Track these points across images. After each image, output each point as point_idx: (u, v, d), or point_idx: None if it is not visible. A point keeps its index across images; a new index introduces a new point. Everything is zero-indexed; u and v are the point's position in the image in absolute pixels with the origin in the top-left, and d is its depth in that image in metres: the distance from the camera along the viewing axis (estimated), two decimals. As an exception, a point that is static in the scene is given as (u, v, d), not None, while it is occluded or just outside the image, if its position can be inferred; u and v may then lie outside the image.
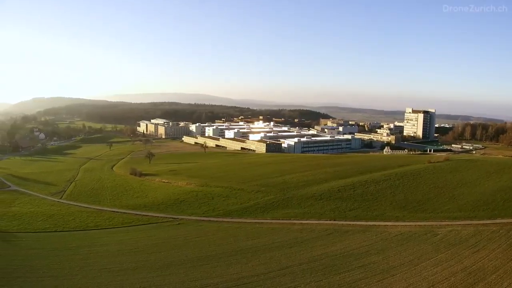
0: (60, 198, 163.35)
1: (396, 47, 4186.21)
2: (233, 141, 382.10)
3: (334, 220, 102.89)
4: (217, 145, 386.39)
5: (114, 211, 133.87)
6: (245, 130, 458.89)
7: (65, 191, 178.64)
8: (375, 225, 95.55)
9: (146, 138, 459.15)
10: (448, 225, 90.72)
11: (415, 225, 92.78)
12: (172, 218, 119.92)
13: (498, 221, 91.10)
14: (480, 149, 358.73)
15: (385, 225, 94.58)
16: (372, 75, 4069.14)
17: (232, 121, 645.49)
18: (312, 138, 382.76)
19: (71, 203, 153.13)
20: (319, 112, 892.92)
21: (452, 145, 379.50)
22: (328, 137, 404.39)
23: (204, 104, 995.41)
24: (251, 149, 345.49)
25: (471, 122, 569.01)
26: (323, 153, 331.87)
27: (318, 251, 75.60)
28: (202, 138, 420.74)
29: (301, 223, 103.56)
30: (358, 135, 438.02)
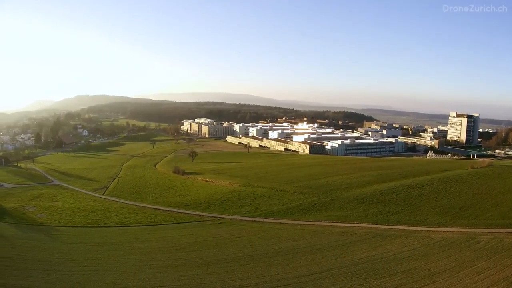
0: (103, 194, 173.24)
1: (444, 52, 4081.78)
2: (277, 142, 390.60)
3: (376, 224, 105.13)
4: (260, 146, 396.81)
5: (156, 209, 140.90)
6: (289, 131, 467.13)
7: (108, 187, 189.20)
8: (417, 230, 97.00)
9: (190, 137, 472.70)
10: (490, 232, 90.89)
11: (457, 232, 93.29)
12: (214, 217, 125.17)
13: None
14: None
15: (427, 231, 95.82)
16: (416, 79, 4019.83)
17: (276, 122, 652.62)
18: (356, 141, 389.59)
19: (113, 199, 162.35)
20: (363, 115, 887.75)
21: (496, 151, 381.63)
22: (371, 140, 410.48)
23: (249, 104, 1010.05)
24: (295, 150, 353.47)
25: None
26: (366, 155, 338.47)
27: (359, 255, 77.73)
28: (246, 138, 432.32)
29: (343, 226, 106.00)
30: (401, 139, 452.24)
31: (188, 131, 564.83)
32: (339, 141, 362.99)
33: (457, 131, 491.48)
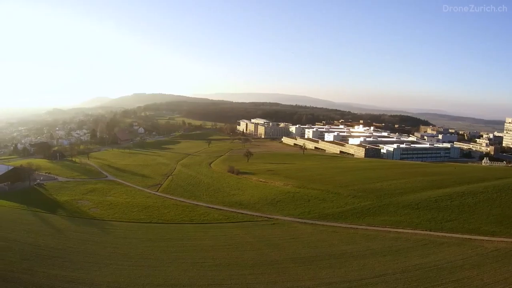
0: (157, 191, 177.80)
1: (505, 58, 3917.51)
2: (332, 144, 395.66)
3: (430, 231, 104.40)
4: (316, 148, 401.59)
5: (209, 207, 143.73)
6: (345, 134, 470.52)
7: (162, 184, 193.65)
8: (471, 238, 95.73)
9: (246, 137, 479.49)
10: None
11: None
12: (267, 217, 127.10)
13: None
14: None
15: (481, 240, 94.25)
16: (474, 84, 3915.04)
17: (332, 124, 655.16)
18: (411, 145, 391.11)
19: (167, 196, 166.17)
20: (419, 119, 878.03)
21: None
22: (427, 145, 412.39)
23: (305, 106, 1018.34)
24: (350, 153, 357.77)
25: None
26: (422, 160, 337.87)
27: (412, 261, 77.76)
28: (302, 139, 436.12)
29: (397, 231, 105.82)
30: (457, 144, 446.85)
31: (244, 131, 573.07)
32: (395, 145, 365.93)
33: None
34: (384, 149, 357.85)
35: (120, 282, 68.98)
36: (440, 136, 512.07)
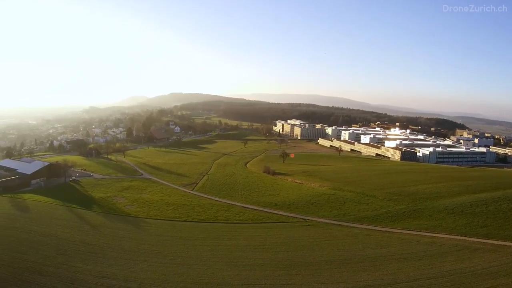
0: (192, 190, 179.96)
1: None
2: (368, 147, 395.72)
3: (465, 236, 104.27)
4: (352, 150, 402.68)
5: (244, 207, 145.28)
6: (381, 136, 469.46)
7: (197, 183, 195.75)
8: (506, 245, 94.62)
9: (282, 138, 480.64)
10: None
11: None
12: (303, 218, 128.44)
13: None
14: None
15: None
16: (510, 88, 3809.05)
17: (368, 126, 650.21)
18: (447, 149, 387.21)
19: (202, 195, 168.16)
20: (455, 122, 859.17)
21: None
22: (463, 149, 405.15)
23: (342, 107, 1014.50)
24: (386, 156, 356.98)
25: None
26: (457, 165, 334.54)
27: (447, 267, 77.56)
28: (338, 141, 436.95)
29: (431, 236, 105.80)
30: (493, 149, 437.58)
31: (280, 131, 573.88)
32: (431, 149, 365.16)
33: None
34: (420, 152, 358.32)
35: (154, 279, 70.03)
36: (476, 140, 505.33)
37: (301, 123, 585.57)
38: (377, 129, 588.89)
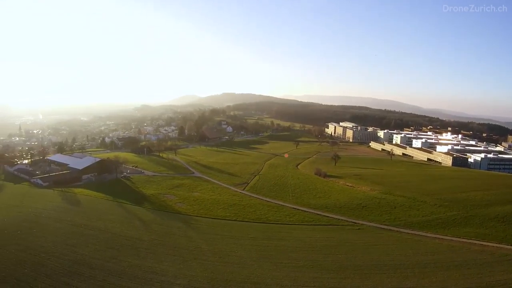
0: (243, 190, 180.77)
1: None
2: (420, 151, 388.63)
3: None
4: (403, 154, 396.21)
5: (295, 208, 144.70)
6: (433, 141, 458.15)
7: (248, 183, 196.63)
8: None
9: (334, 140, 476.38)
10: None
11: None
12: (353, 222, 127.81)
13: None
14: None
15: None
16: None
17: (420, 130, 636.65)
18: (499, 155, 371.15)
19: (253, 195, 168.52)
20: (507, 128, 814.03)
21: None
22: None
23: (394, 111, 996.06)
24: (437, 161, 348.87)
25: None
26: (509, 172, 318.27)
27: (496, 277, 75.75)
28: (389, 145, 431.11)
29: (482, 244, 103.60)
30: None
31: (332, 134, 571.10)
32: (482, 155, 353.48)
33: None
34: (472, 158, 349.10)
35: (204, 276, 70.29)
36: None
37: (353, 126, 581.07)
38: (429, 133, 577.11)
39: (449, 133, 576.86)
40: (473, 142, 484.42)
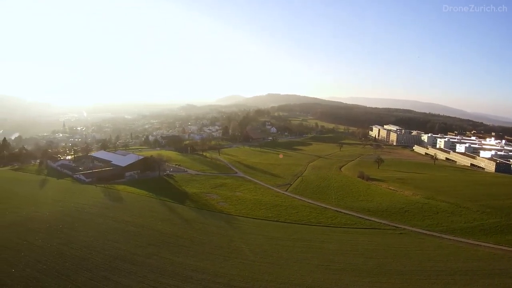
0: (285, 191, 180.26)
1: None
2: (463, 156, 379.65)
3: None
4: (446, 158, 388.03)
5: (337, 211, 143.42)
6: (476, 146, 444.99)
7: (291, 184, 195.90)
8: None
9: (377, 143, 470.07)
10: None
11: None
12: (395, 226, 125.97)
13: None
14: None
15: None
16: None
17: (464, 134, 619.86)
18: None
19: (296, 196, 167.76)
20: None
21: None
22: None
23: (438, 114, 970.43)
24: (480, 167, 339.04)
25: None
26: None
27: None
28: (433, 149, 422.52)
29: None
30: None
31: (376, 137, 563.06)
32: None
33: None
34: None
35: (244, 276, 70.27)
36: None
37: (397, 129, 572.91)
38: (473, 138, 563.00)
39: (492, 138, 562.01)
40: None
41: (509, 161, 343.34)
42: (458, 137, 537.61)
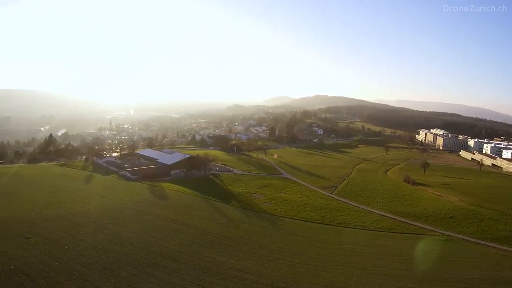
0: (331, 193, 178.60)
1: None
2: (510, 162, 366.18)
3: None
4: (493, 164, 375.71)
5: (382, 215, 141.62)
6: None
7: (337, 187, 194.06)
8: None
9: (424, 147, 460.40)
10: None
11: None
12: (439, 232, 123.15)
13: None
14: None
15: None
16: None
17: (510, 140, 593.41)
18: None
19: (341, 199, 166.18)
20: None
21: None
22: None
23: (485, 119, 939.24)
24: None
25: None
26: None
27: None
28: (479, 155, 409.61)
29: None
30: None
31: (423, 140, 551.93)
32: None
33: None
34: None
35: (287, 277, 69.44)
36: None
37: (443, 133, 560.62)
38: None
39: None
40: None
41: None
42: (505, 143, 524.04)
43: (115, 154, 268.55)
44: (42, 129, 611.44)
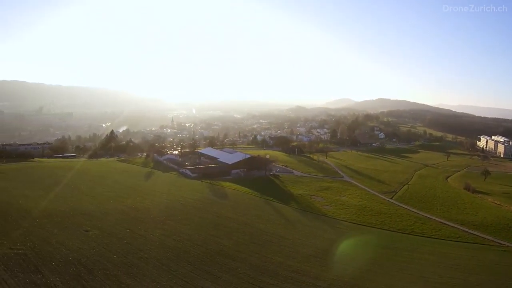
0: (391, 198, 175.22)
1: None
2: None
3: None
4: None
5: (441, 222, 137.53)
6: None
7: (397, 192, 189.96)
8: None
9: (485, 154, 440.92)
10: None
11: None
12: (499, 243, 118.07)
13: None
14: None
15: None
16: None
17: None
18: None
19: (401, 205, 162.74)
20: None
21: None
22: None
23: None
24: None
25: None
26: None
27: None
28: None
29: None
30: None
31: (484, 147, 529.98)
32: None
33: None
34: None
35: (345, 281, 68.54)
36: None
37: (505, 140, 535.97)
38: None
39: None
40: None
41: None
42: None
43: (175, 152, 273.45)
44: (103, 125, 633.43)
